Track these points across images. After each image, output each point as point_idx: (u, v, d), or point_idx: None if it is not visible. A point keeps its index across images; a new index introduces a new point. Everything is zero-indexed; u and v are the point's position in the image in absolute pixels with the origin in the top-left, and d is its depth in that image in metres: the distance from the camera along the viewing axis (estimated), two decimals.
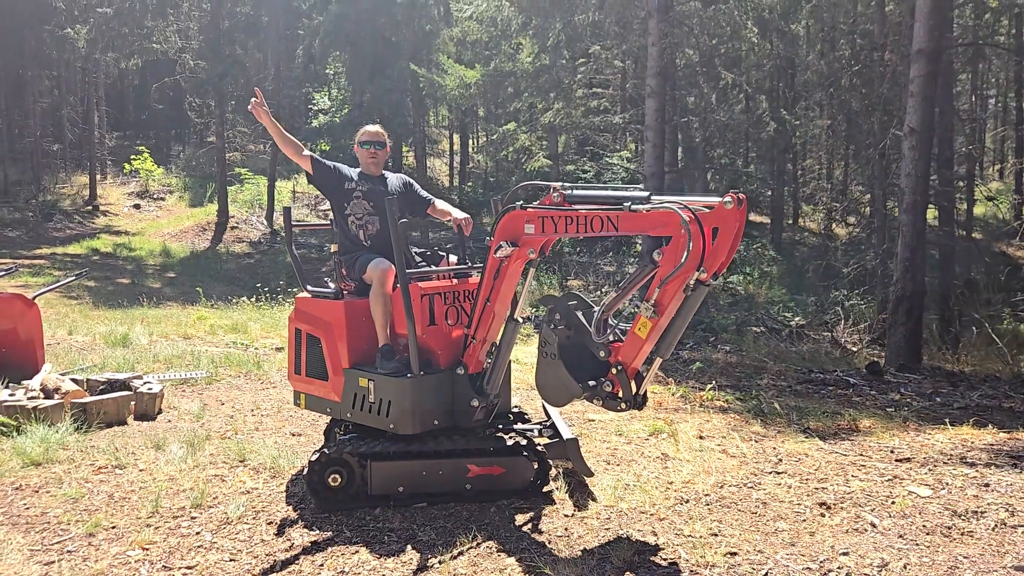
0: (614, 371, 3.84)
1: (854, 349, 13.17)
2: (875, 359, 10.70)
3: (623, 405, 3.86)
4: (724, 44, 17.34)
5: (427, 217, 5.31)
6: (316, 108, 27.26)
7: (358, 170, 5.05)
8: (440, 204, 5.20)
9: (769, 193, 27.08)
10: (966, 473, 4.85)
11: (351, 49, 24.49)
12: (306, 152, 4.99)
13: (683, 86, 18.75)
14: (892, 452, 5.42)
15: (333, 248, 4.92)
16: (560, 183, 4.07)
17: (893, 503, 4.37)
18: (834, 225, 24.75)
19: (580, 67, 18.68)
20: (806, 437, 5.85)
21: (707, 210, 3.50)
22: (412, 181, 5.26)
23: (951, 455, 5.33)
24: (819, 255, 21.44)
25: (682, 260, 3.45)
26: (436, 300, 4.59)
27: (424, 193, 5.26)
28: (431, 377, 4.45)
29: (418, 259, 4.89)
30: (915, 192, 9.80)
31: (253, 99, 4.83)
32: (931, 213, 18.56)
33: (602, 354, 3.91)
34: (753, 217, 29.92)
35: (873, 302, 15.46)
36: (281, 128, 4.97)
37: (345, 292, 4.79)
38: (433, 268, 4.84)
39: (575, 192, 4.01)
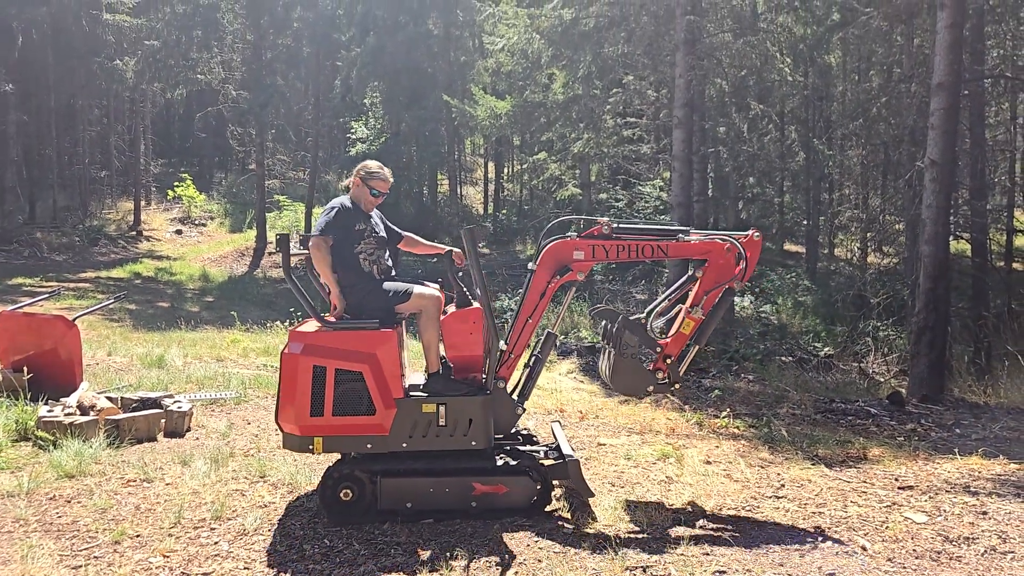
0: (667, 362, 5.00)
1: (881, 380, 13.10)
2: (899, 389, 10.67)
3: (676, 386, 5.08)
4: (753, 75, 17.48)
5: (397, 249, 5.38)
6: (354, 137, 27.90)
7: (352, 203, 4.98)
8: (414, 238, 5.32)
9: (805, 223, 27.01)
10: (966, 501, 4.92)
11: (388, 80, 25.16)
12: (326, 245, 4.83)
13: (713, 116, 18.92)
14: (896, 480, 5.48)
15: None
16: (607, 219, 4.97)
17: (887, 528, 4.46)
18: (870, 255, 24.61)
19: (611, 97, 18.93)
20: (812, 464, 5.94)
21: (743, 239, 4.97)
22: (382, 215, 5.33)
23: (955, 484, 5.39)
24: (852, 285, 21.32)
25: (736, 274, 4.90)
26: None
27: (394, 227, 5.29)
28: (495, 392, 4.78)
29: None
30: (936, 223, 9.83)
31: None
32: (964, 245, 18.42)
33: (659, 349, 5.02)
34: (788, 247, 29.81)
35: (904, 332, 15.35)
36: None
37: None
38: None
39: (621, 226, 4.96)
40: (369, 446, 4.63)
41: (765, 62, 16.69)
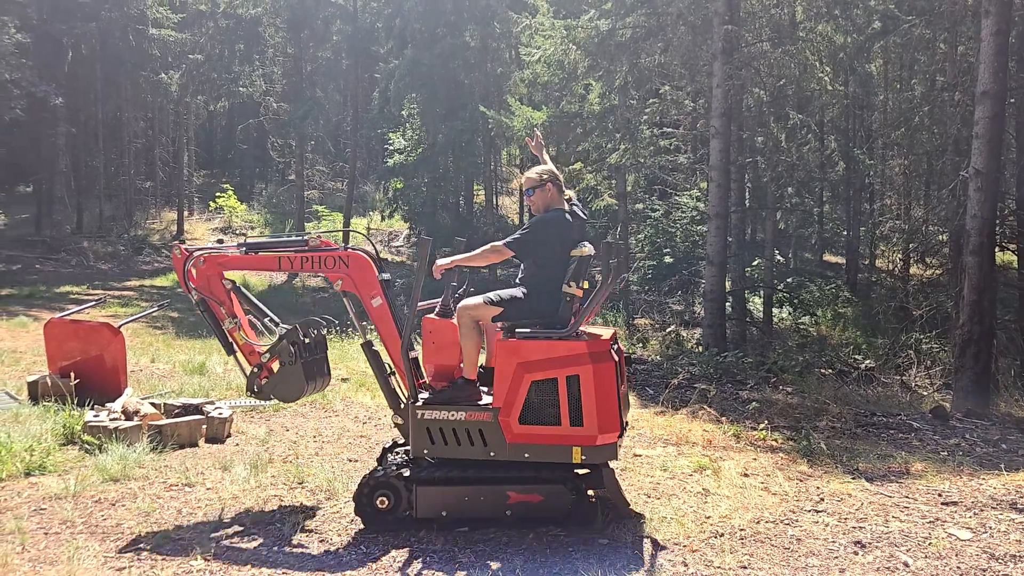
0: None
1: (924, 393, 12.84)
2: (942, 403, 10.45)
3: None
4: (792, 85, 17.32)
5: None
6: (391, 148, 28.17)
7: None
8: None
9: (845, 233, 26.64)
10: (1012, 518, 4.80)
11: (425, 91, 25.34)
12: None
13: (751, 126, 18.79)
14: (939, 495, 5.38)
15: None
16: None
17: (930, 544, 4.38)
18: (912, 266, 24.21)
19: (647, 108, 18.89)
20: (852, 478, 5.85)
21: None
22: (528, 221, 5.15)
23: (1001, 500, 5.26)
24: (894, 297, 20.96)
25: None
26: None
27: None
28: None
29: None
30: (981, 234, 9.64)
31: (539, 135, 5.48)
32: (1010, 256, 18.00)
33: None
34: (828, 258, 29.43)
35: (947, 345, 15.04)
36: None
37: None
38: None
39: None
40: None
41: (804, 71, 16.53)
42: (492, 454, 4.56)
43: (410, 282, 5.83)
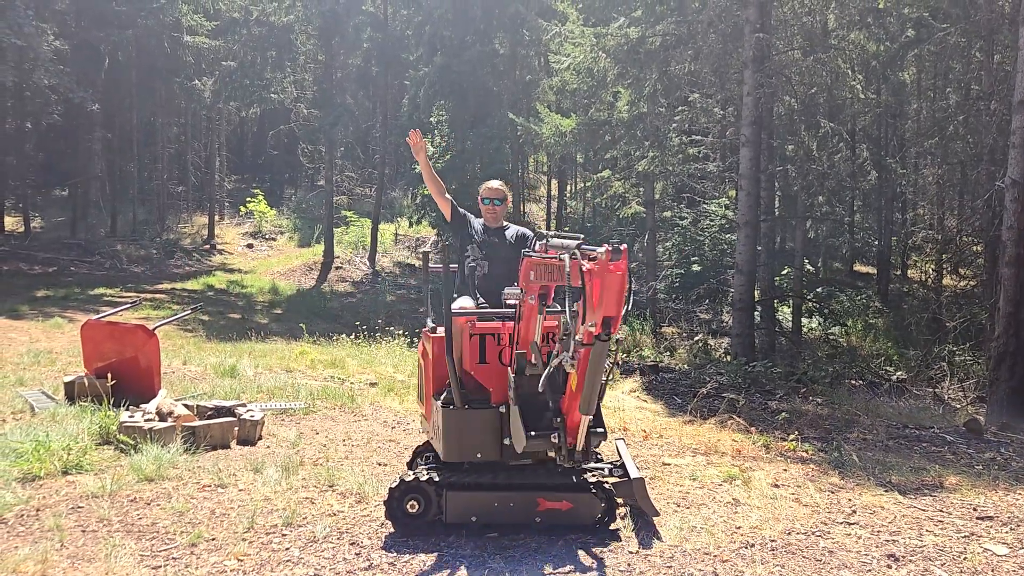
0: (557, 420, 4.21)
1: (957, 406, 12.66)
2: (977, 417, 10.29)
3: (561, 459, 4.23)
4: (823, 93, 17.21)
5: None
6: None
7: (481, 220, 5.60)
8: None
9: (876, 243, 26.36)
10: None
11: (454, 98, 25.49)
12: (447, 196, 5.59)
13: (781, 134, 18.69)
14: (975, 509, 5.30)
15: None
16: (546, 231, 4.21)
17: (966, 559, 4.32)
18: (945, 277, 23.87)
19: (676, 115, 18.86)
20: (885, 491, 5.78)
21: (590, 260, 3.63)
22: (530, 234, 5.47)
23: None
24: (927, 308, 20.71)
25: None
26: (488, 340, 4.74)
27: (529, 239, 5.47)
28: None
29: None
30: (1017, 245, 9.52)
31: (413, 137, 5.50)
32: None
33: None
34: (859, 267, 29.12)
35: (982, 357, 14.82)
36: (432, 170, 5.62)
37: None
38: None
39: (552, 240, 4.14)
40: None
41: (836, 79, 16.43)
42: None
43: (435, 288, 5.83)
